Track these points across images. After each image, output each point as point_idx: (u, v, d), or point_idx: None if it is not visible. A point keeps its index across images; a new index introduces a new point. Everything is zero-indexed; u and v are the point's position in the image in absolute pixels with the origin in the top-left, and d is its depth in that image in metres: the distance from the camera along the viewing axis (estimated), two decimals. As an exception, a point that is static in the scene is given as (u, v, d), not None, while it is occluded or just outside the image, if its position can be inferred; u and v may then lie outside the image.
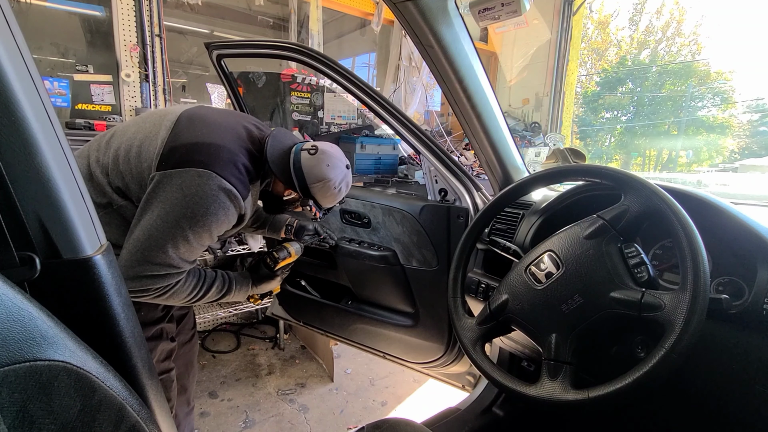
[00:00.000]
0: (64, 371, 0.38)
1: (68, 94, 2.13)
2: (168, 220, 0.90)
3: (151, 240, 0.90)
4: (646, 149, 18.26)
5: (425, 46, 1.01)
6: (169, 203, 0.90)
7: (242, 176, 0.99)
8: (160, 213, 0.90)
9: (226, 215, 0.96)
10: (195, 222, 0.91)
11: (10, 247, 0.43)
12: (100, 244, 0.50)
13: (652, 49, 18.78)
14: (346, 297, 1.62)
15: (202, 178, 0.91)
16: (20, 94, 0.43)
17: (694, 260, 0.62)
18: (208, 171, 0.92)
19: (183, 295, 1.01)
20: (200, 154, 0.94)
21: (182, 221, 0.90)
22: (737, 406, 0.74)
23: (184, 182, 0.91)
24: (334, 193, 1.13)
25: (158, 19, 2.29)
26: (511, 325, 0.82)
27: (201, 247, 0.97)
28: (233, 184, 0.95)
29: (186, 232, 0.91)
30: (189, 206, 0.90)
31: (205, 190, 0.91)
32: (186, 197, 0.90)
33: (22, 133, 0.43)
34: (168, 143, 0.95)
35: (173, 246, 0.92)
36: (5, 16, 0.44)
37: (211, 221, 0.93)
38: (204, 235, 0.95)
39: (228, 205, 0.95)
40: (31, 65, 0.46)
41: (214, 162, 0.94)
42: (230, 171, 0.96)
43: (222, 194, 0.93)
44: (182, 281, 0.99)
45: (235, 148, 1.00)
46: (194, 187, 0.91)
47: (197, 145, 0.95)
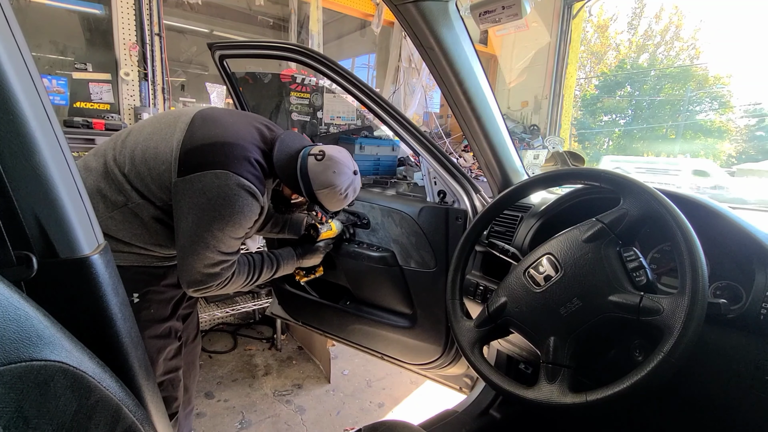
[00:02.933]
0: (61, 371, 0.37)
1: (66, 92, 2.12)
2: (202, 225, 0.98)
3: (195, 245, 0.99)
4: (644, 152, 18.32)
5: (425, 48, 1.01)
6: (198, 209, 0.97)
7: (257, 172, 1.04)
8: (193, 219, 0.98)
9: (251, 209, 1.02)
10: (226, 222, 0.99)
11: (7, 246, 0.42)
12: (97, 244, 0.50)
13: (650, 53, 18.87)
14: (344, 297, 1.62)
15: (220, 180, 0.97)
16: (19, 92, 0.43)
17: (693, 264, 0.62)
18: (226, 171, 0.97)
19: (241, 281, 1.12)
20: (216, 155, 0.99)
21: (214, 224, 0.98)
22: (734, 410, 0.74)
23: (205, 186, 0.97)
24: (340, 199, 1.15)
25: (158, 17, 2.28)
26: (509, 327, 0.82)
27: (238, 240, 1.05)
28: (250, 181, 1.00)
29: (221, 233, 0.99)
30: (216, 209, 0.97)
31: (226, 191, 0.97)
32: (211, 200, 0.97)
33: (21, 132, 0.43)
34: (184, 145, 1.00)
35: (215, 246, 1.00)
36: (5, 14, 0.43)
37: (239, 218, 1.00)
38: (237, 231, 1.02)
39: (250, 201, 1.01)
40: (30, 63, 0.45)
41: (230, 161, 0.99)
42: (245, 168, 1.01)
43: (242, 192, 0.99)
44: (236, 271, 1.08)
45: (248, 146, 1.04)
46: (215, 189, 0.97)
47: (212, 146, 1.00)
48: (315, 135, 3.09)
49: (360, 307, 1.57)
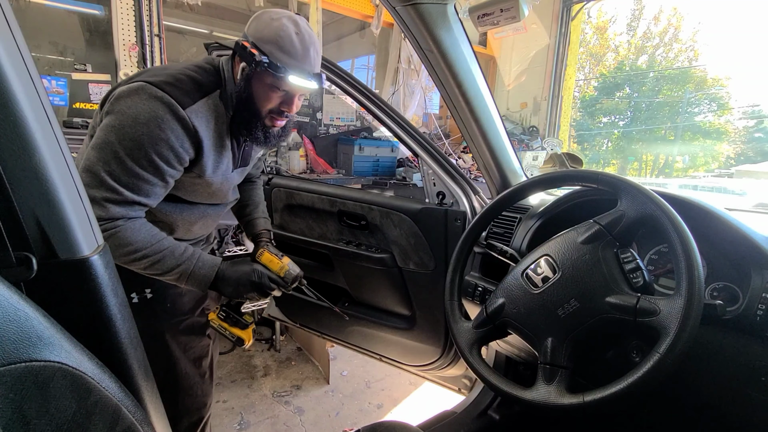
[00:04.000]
0: (60, 372, 0.38)
1: (66, 93, 2.12)
2: (98, 143, 0.81)
3: (86, 168, 0.81)
4: (643, 154, 18.37)
5: (424, 50, 1.02)
6: (102, 129, 0.82)
7: (180, 84, 0.86)
8: (94, 141, 0.82)
9: (161, 128, 0.82)
10: (124, 135, 0.80)
11: (6, 246, 0.42)
12: (97, 245, 0.50)
13: (649, 54, 18.92)
14: (343, 299, 1.62)
15: (131, 93, 0.82)
16: (19, 93, 0.43)
17: (689, 266, 0.63)
18: (138, 83, 0.82)
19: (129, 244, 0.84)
20: (135, 77, 0.86)
21: (110, 136, 0.80)
22: (730, 411, 0.75)
23: (116, 106, 0.82)
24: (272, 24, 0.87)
25: (157, 18, 2.28)
26: (507, 328, 0.82)
27: (141, 172, 0.83)
28: (166, 91, 0.82)
29: (115, 147, 0.80)
30: (118, 121, 0.81)
31: (135, 101, 0.81)
32: (115, 115, 0.81)
33: (21, 133, 0.43)
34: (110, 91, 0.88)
35: (105, 165, 0.80)
36: (5, 15, 0.44)
37: (142, 133, 0.80)
38: (138, 155, 0.81)
39: (163, 116, 0.82)
40: (30, 64, 0.45)
41: (147, 77, 0.84)
42: (164, 80, 0.84)
43: (154, 102, 0.81)
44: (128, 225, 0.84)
45: (176, 66, 0.90)
46: (122, 103, 0.81)
47: (131, 78, 0.87)
48: (315, 136, 3.09)
49: (358, 308, 1.57)
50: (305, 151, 2.85)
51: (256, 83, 0.90)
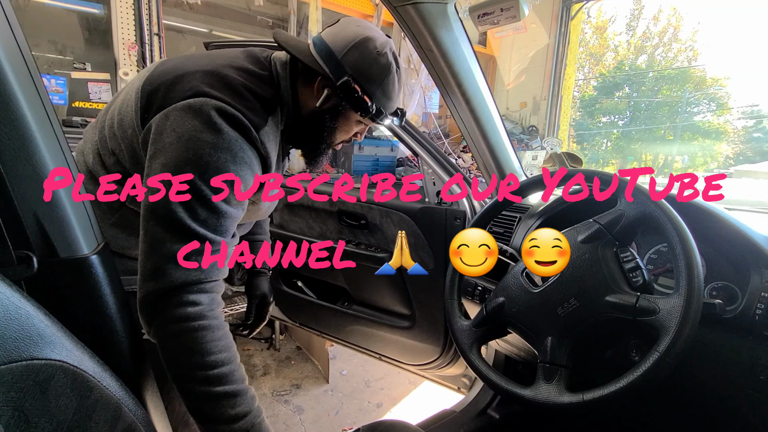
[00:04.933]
0: (61, 370, 0.38)
1: (65, 91, 2.12)
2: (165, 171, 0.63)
3: (156, 213, 0.62)
4: (642, 154, 18.38)
5: (424, 49, 1.02)
6: (164, 155, 0.64)
7: (248, 101, 0.71)
8: (158, 165, 0.65)
9: (241, 151, 0.67)
10: (203, 165, 0.63)
11: (7, 245, 0.43)
12: (97, 244, 0.50)
13: (649, 54, 18.94)
14: (342, 298, 1.62)
15: (193, 109, 0.66)
16: (19, 93, 0.43)
17: (689, 265, 0.63)
18: (200, 98, 0.66)
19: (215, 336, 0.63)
20: (186, 84, 0.69)
21: (186, 169, 0.63)
22: (729, 409, 0.75)
23: (175, 122, 0.65)
24: (379, 61, 0.76)
25: (157, 17, 2.28)
26: (507, 327, 0.83)
27: (226, 208, 0.66)
28: (237, 109, 0.68)
29: (196, 183, 0.63)
30: (189, 148, 0.63)
31: (203, 121, 0.65)
32: (181, 138, 0.64)
33: (21, 132, 0.43)
34: (144, 90, 0.71)
35: (186, 209, 0.62)
36: (5, 14, 0.44)
37: (224, 160, 0.65)
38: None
39: (236, 138, 0.67)
40: (30, 63, 0.46)
41: (206, 87, 0.68)
42: (227, 94, 0.69)
43: (225, 124, 0.66)
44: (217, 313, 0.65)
45: (230, 71, 0.73)
46: (188, 122, 0.65)
47: (179, 78, 0.71)
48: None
49: (358, 307, 1.57)
50: (305, 150, 2.85)
51: (344, 118, 0.81)
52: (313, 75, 0.78)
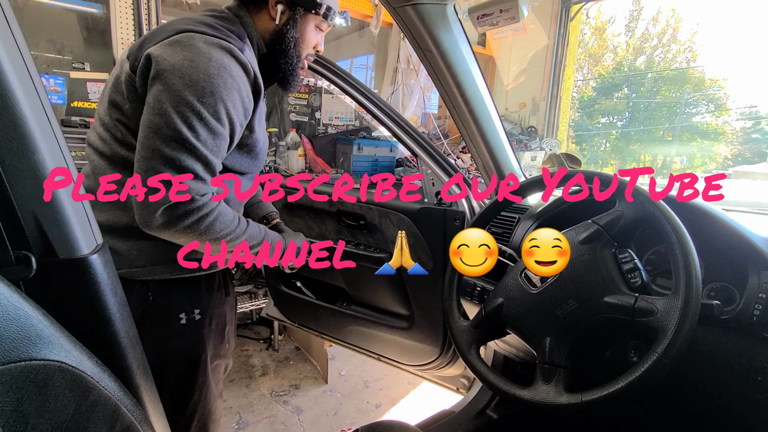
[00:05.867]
0: (60, 371, 0.38)
1: (64, 91, 2.11)
2: (169, 101, 0.68)
3: (159, 132, 0.68)
4: (641, 155, 18.41)
5: (424, 50, 1.02)
6: (162, 83, 0.69)
7: (222, 31, 0.78)
8: (156, 99, 0.69)
9: (231, 76, 0.74)
10: (200, 90, 0.69)
11: (6, 245, 0.42)
12: (96, 244, 0.50)
13: (647, 55, 18.97)
14: (341, 298, 1.62)
15: (180, 43, 0.71)
16: (18, 92, 0.43)
17: (687, 266, 0.63)
18: (188, 33, 0.73)
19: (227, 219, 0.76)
20: (167, 28, 0.76)
21: (184, 93, 0.68)
22: (727, 410, 0.75)
23: (169, 55, 0.70)
24: None
25: (156, 17, 2.28)
26: (506, 328, 0.83)
27: (222, 130, 0.74)
28: (218, 38, 0.74)
29: (195, 105, 0.69)
30: (185, 74, 0.69)
31: (195, 51, 0.71)
32: (175, 66, 0.69)
33: (20, 131, 0.43)
34: (131, 55, 0.78)
35: (188, 128, 0.69)
36: (4, 13, 0.44)
37: (218, 85, 0.71)
38: (219, 108, 0.72)
39: (228, 62, 0.73)
40: (29, 63, 0.46)
41: (185, 26, 0.75)
42: (206, 28, 0.76)
43: (214, 49, 0.72)
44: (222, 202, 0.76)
45: (200, 18, 0.81)
46: (180, 53, 0.70)
47: (158, 30, 0.78)
48: (313, 136, 3.09)
49: (357, 308, 1.57)
50: (304, 150, 2.85)
51: (302, 26, 0.88)
52: (263, 0, 0.85)
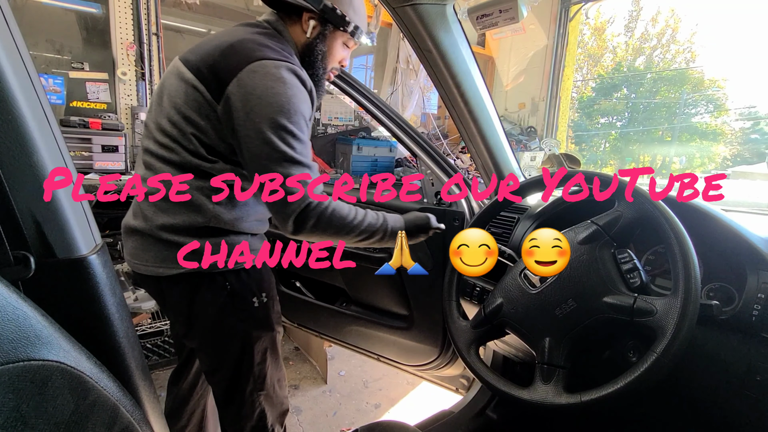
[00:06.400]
0: (58, 371, 0.38)
1: (63, 91, 2.11)
2: (269, 129, 0.79)
3: (271, 158, 0.80)
4: (640, 155, 18.42)
5: (423, 50, 1.02)
6: (256, 115, 0.80)
7: (281, 53, 0.87)
8: (256, 130, 0.80)
9: (301, 92, 0.85)
10: (287, 112, 0.81)
11: (4, 245, 0.42)
12: (95, 244, 0.50)
13: (647, 55, 18.99)
14: (340, 299, 1.62)
15: (262, 71, 0.81)
16: (17, 92, 0.43)
17: (686, 266, 0.63)
18: (260, 62, 0.81)
19: (343, 212, 0.86)
20: (236, 56, 0.83)
21: (277, 118, 0.80)
22: (726, 410, 0.75)
23: (252, 88, 0.80)
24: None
25: (155, 17, 2.28)
26: (505, 328, 0.83)
27: (306, 139, 0.86)
28: (284, 60, 0.84)
29: (288, 126, 0.81)
30: (272, 102, 0.80)
31: (272, 78, 0.81)
32: (262, 97, 0.80)
33: (18, 131, 0.43)
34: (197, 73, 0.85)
35: (289, 147, 0.81)
36: (3, 13, 0.44)
37: (296, 103, 0.83)
38: (301, 122, 0.84)
39: (296, 82, 0.84)
40: (28, 62, 0.45)
41: (259, 55, 0.83)
42: (273, 54, 0.84)
43: (285, 72, 0.82)
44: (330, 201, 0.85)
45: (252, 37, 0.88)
46: (261, 83, 0.80)
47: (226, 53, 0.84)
48: (313, 136, 3.09)
49: (356, 308, 1.57)
50: (303, 150, 2.85)
51: (331, 41, 0.96)
52: (297, 14, 0.93)
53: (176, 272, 0.88)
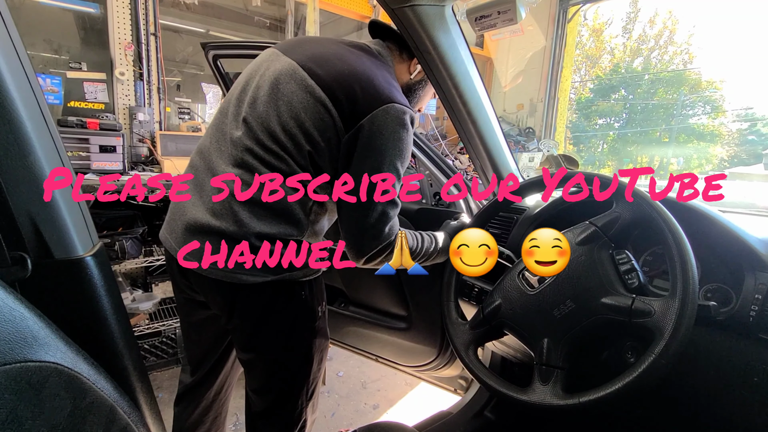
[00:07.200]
0: (55, 372, 0.37)
1: (61, 91, 2.10)
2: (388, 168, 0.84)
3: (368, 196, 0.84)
4: (638, 156, 18.48)
5: (422, 51, 1.02)
6: (380, 154, 0.84)
7: (403, 95, 0.90)
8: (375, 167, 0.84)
9: (411, 137, 0.89)
10: (402, 156, 0.86)
11: (2, 246, 0.42)
12: (92, 245, 0.50)
13: (645, 57, 19.05)
14: (339, 299, 1.62)
15: (393, 114, 0.84)
16: (14, 92, 0.43)
17: (684, 267, 0.63)
18: (391, 104, 0.84)
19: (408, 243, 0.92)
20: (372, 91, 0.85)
21: (395, 161, 0.85)
22: (724, 411, 0.75)
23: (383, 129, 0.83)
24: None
25: (153, 17, 2.27)
26: (503, 329, 0.83)
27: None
28: (407, 105, 0.87)
29: (399, 169, 0.86)
30: (396, 146, 0.84)
31: (399, 123, 0.84)
32: (389, 140, 0.84)
33: (16, 132, 0.43)
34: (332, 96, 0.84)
35: (392, 185, 0.86)
36: (0, 13, 0.43)
37: (408, 148, 0.88)
38: (405, 166, 0.89)
39: (411, 129, 0.88)
40: (26, 63, 0.45)
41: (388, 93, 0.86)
42: (400, 97, 0.87)
43: (407, 117, 0.86)
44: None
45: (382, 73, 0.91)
46: (390, 126, 0.83)
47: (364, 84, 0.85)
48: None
49: (355, 309, 1.57)
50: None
51: (427, 88, 1.06)
52: (409, 55, 1.01)
53: (261, 280, 0.85)
